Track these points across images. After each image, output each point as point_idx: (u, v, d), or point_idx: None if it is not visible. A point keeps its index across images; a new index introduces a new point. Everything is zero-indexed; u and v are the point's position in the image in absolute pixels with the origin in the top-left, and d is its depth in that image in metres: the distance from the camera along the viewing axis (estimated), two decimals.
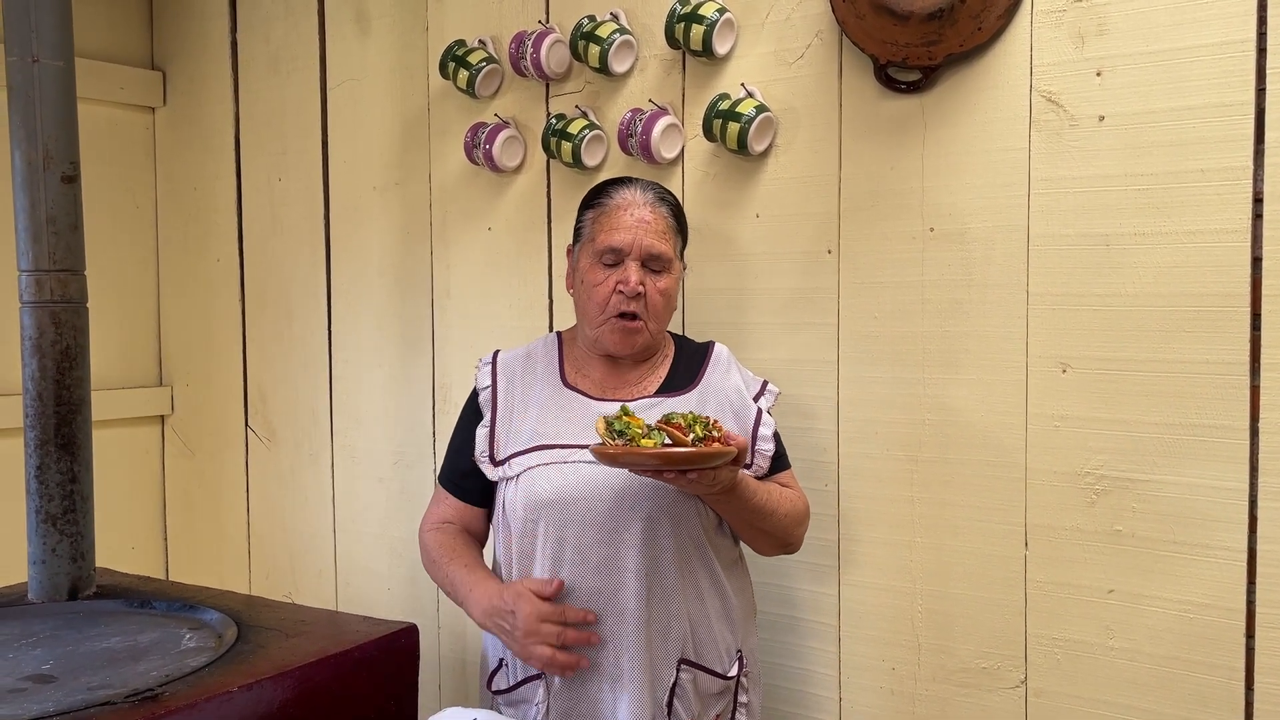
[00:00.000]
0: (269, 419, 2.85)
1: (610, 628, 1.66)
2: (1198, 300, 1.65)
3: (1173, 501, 1.69)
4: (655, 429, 1.49)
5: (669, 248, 1.74)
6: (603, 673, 1.67)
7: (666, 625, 1.67)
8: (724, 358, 1.82)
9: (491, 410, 1.79)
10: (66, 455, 2.07)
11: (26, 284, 2.04)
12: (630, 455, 1.47)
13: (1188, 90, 1.64)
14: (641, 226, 1.71)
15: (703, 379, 1.78)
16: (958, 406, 1.87)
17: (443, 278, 2.50)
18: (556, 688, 1.69)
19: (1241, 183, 1.61)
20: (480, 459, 1.77)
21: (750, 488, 1.63)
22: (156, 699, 1.52)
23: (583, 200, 1.81)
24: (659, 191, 1.77)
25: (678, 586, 1.68)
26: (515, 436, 1.74)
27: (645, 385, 1.77)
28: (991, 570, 1.85)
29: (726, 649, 1.75)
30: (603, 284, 1.71)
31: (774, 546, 1.77)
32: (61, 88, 2.05)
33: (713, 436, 1.49)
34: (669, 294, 1.74)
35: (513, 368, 1.82)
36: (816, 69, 1.98)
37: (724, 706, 1.76)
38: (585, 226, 1.77)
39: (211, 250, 2.94)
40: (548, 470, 1.68)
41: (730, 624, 1.75)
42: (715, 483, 1.53)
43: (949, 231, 1.86)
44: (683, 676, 1.69)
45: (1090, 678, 1.77)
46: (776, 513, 1.69)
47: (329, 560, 2.75)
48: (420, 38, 2.50)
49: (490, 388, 1.81)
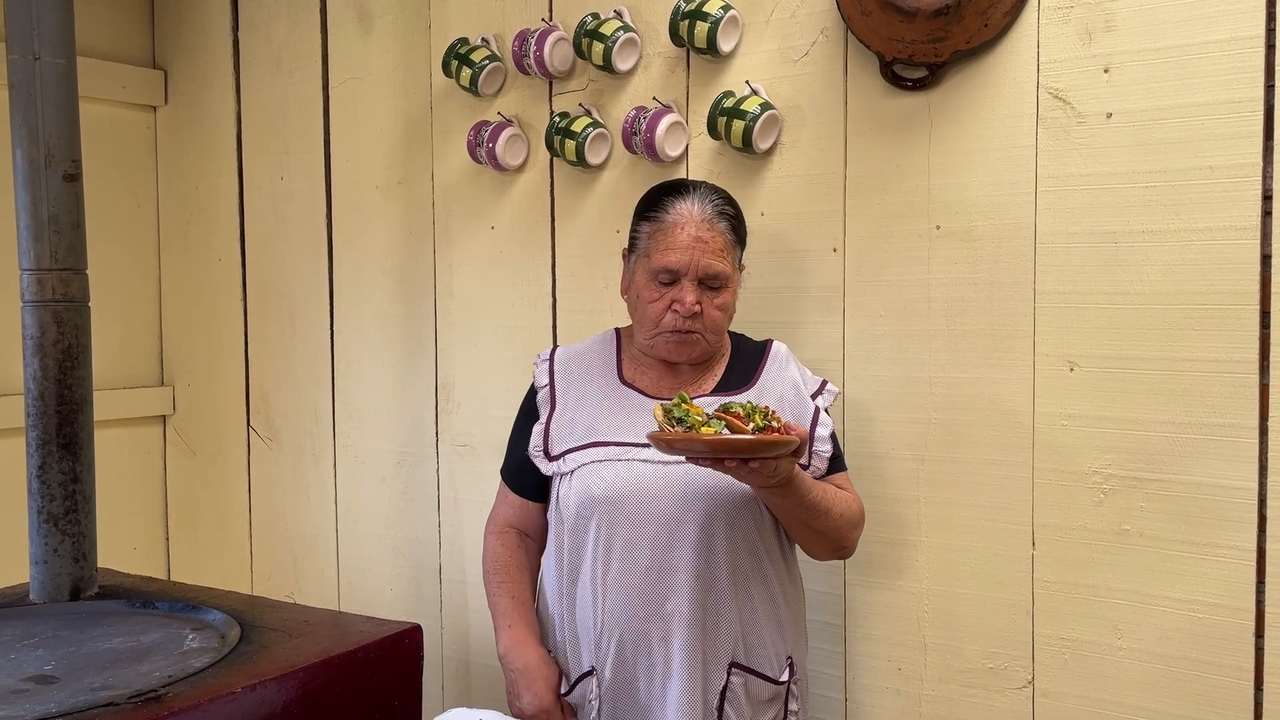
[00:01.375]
0: (271, 419, 2.84)
1: (662, 628, 1.65)
2: (1206, 298, 1.64)
3: (1181, 500, 1.68)
4: (714, 417, 1.48)
5: (727, 265, 1.70)
6: (654, 672, 1.67)
7: (717, 627, 1.66)
8: (782, 355, 1.80)
9: (550, 407, 1.78)
10: (68, 455, 2.06)
11: (28, 283, 2.03)
12: (690, 441, 1.45)
13: (1196, 87, 1.63)
14: (698, 246, 1.67)
15: (760, 377, 1.76)
16: (965, 405, 1.86)
17: (445, 277, 2.49)
18: (608, 683, 1.69)
19: (1251, 180, 1.60)
20: (534, 454, 1.76)
21: (806, 484, 1.61)
22: (159, 700, 1.52)
23: (638, 207, 1.76)
24: (718, 205, 1.71)
25: (730, 589, 1.66)
26: (570, 432, 1.74)
27: (702, 384, 1.75)
28: (998, 570, 1.84)
29: (777, 655, 1.73)
30: (657, 301, 1.69)
31: (827, 549, 1.73)
32: (63, 85, 2.05)
33: (771, 427, 1.48)
34: (727, 308, 1.72)
35: (569, 364, 1.81)
36: (821, 66, 1.97)
37: (775, 713, 1.73)
38: (640, 240, 1.73)
39: (213, 250, 2.93)
40: (602, 467, 1.68)
41: (781, 630, 1.73)
42: (775, 474, 1.50)
43: (955, 229, 1.85)
44: (733, 680, 1.68)
45: (1098, 678, 1.76)
46: (831, 512, 1.65)
47: (331, 560, 2.75)
48: (423, 36, 2.49)
49: (548, 385, 1.80)
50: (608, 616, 1.67)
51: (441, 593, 2.53)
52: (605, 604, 1.67)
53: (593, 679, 1.71)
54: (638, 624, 1.66)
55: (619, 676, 1.68)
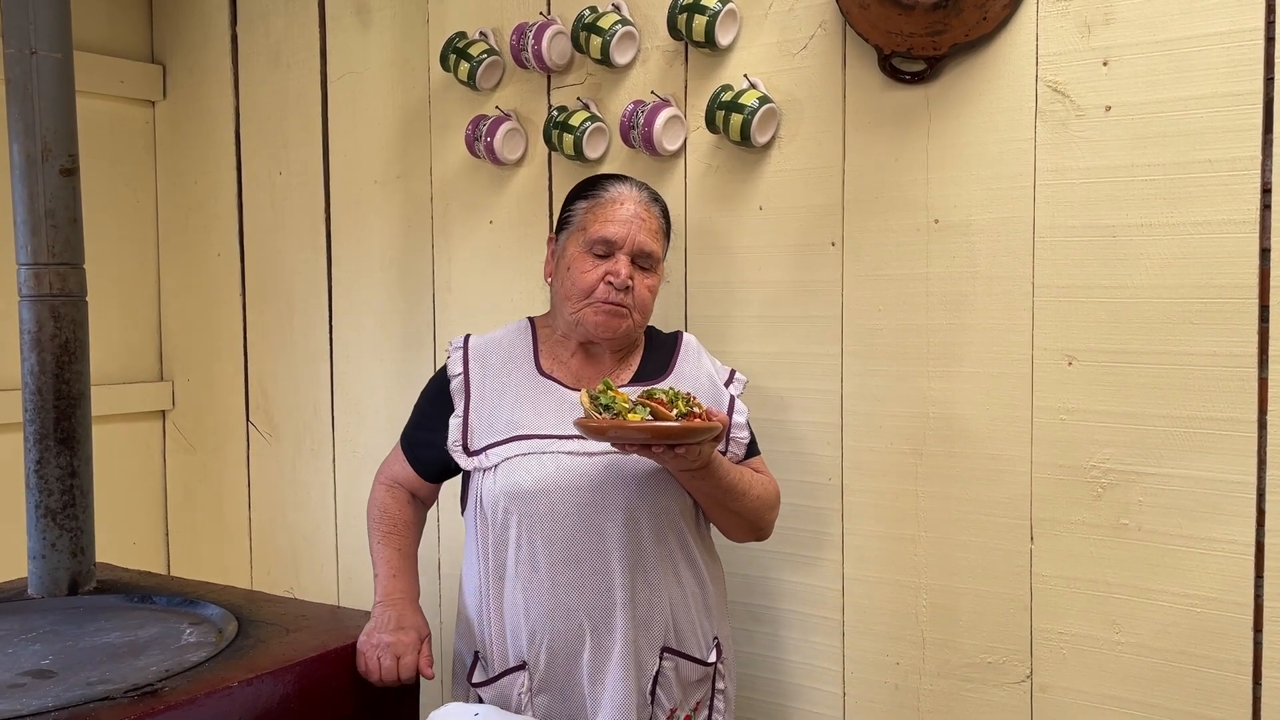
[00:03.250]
0: (270, 414, 2.84)
1: (594, 617, 1.66)
2: (1205, 292, 1.64)
3: (1179, 495, 1.68)
4: (639, 403, 1.50)
5: (659, 248, 1.76)
6: (587, 662, 1.67)
7: (649, 614, 1.68)
8: (693, 346, 1.84)
9: (465, 398, 1.78)
10: (66, 450, 2.06)
11: (25, 278, 2.03)
12: (619, 428, 1.47)
13: (1195, 80, 1.62)
14: (636, 222, 1.72)
15: (675, 368, 1.79)
16: (962, 400, 1.85)
17: (444, 271, 2.49)
18: (540, 676, 1.69)
19: (1250, 173, 1.59)
20: (454, 449, 1.76)
21: (724, 467, 1.65)
22: (156, 694, 1.51)
23: (572, 191, 1.81)
24: (652, 193, 1.79)
25: (659, 574, 1.68)
26: (491, 426, 1.74)
27: (619, 376, 1.78)
28: (996, 564, 1.84)
29: (705, 636, 1.76)
30: (590, 272, 1.71)
31: (745, 530, 1.77)
32: (60, 80, 2.04)
33: (694, 412, 1.51)
34: (654, 291, 1.76)
35: (485, 354, 1.81)
36: (820, 60, 1.96)
37: (703, 694, 1.77)
38: (575, 215, 1.76)
39: (212, 245, 2.93)
40: (527, 460, 1.68)
41: (708, 612, 1.77)
42: (698, 458, 1.54)
43: (954, 223, 1.84)
44: (665, 665, 1.70)
45: (1096, 672, 1.76)
46: (749, 494, 1.70)
47: (330, 555, 2.74)
48: (421, 30, 2.49)
49: (462, 375, 1.80)
50: (538, 611, 1.67)
51: (440, 588, 2.53)
52: (535, 599, 1.67)
53: (522, 674, 1.70)
54: (570, 618, 1.66)
55: (552, 669, 1.69)
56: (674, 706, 1.72)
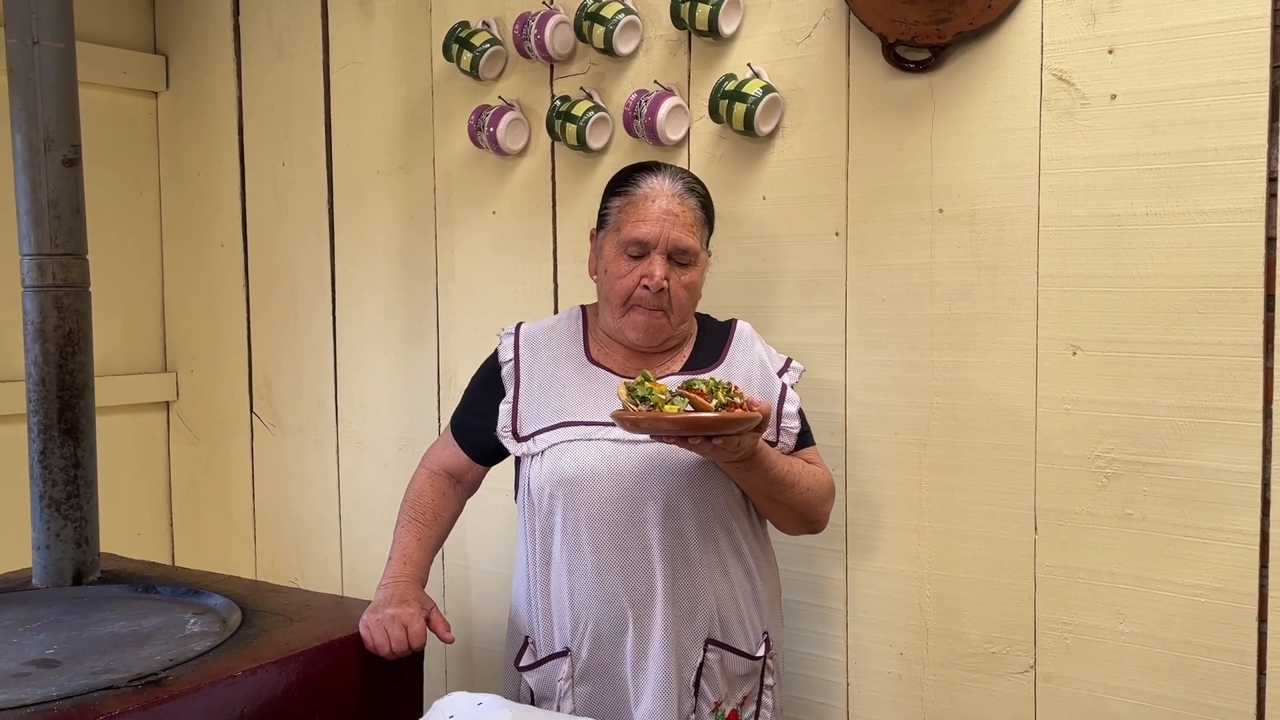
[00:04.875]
0: (274, 405, 2.84)
1: (636, 605, 1.65)
2: (1210, 281, 1.63)
3: (1184, 485, 1.67)
4: (677, 394, 1.48)
5: (696, 241, 1.71)
6: (628, 650, 1.67)
7: (693, 604, 1.67)
8: (746, 334, 1.81)
9: (515, 385, 1.78)
10: (70, 440, 2.06)
11: (28, 268, 2.03)
12: (653, 420, 1.45)
13: (1201, 68, 1.62)
14: (668, 219, 1.68)
15: (726, 356, 1.77)
16: (967, 389, 1.85)
17: (447, 262, 2.49)
18: (583, 664, 1.69)
19: (1255, 161, 1.58)
20: (503, 434, 1.76)
21: (771, 458, 1.61)
22: (160, 683, 1.52)
23: (608, 185, 1.78)
24: (688, 181, 1.73)
25: (703, 565, 1.67)
26: (540, 413, 1.73)
27: (670, 365, 1.76)
28: (1001, 554, 1.84)
29: (754, 630, 1.74)
30: (626, 276, 1.69)
31: (797, 523, 1.74)
32: (62, 70, 2.04)
33: (735, 403, 1.48)
34: (694, 287, 1.73)
35: (536, 341, 1.81)
36: (824, 48, 1.95)
37: (750, 689, 1.75)
38: (610, 214, 1.73)
39: (215, 235, 2.93)
40: (572, 447, 1.68)
41: (758, 605, 1.75)
42: (738, 449, 1.51)
43: (958, 213, 1.84)
44: (709, 656, 1.68)
45: (1100, 662, 1.76)
46: (798, 485, 1.67)
47: (334, 546, 2.75)
48: (423, 20, 2.48)
49: (513, 361, 1.79)
50: (582, 597, 1.68)
51: (444, 578, 2.53)
52: (579, 585, 1.68)
53: (565, 660, 1.70)
54: (613, 604, 1.66)
55: (595, 657, 1.69)
56: (719, 699, 1.70)
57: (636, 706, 1.67)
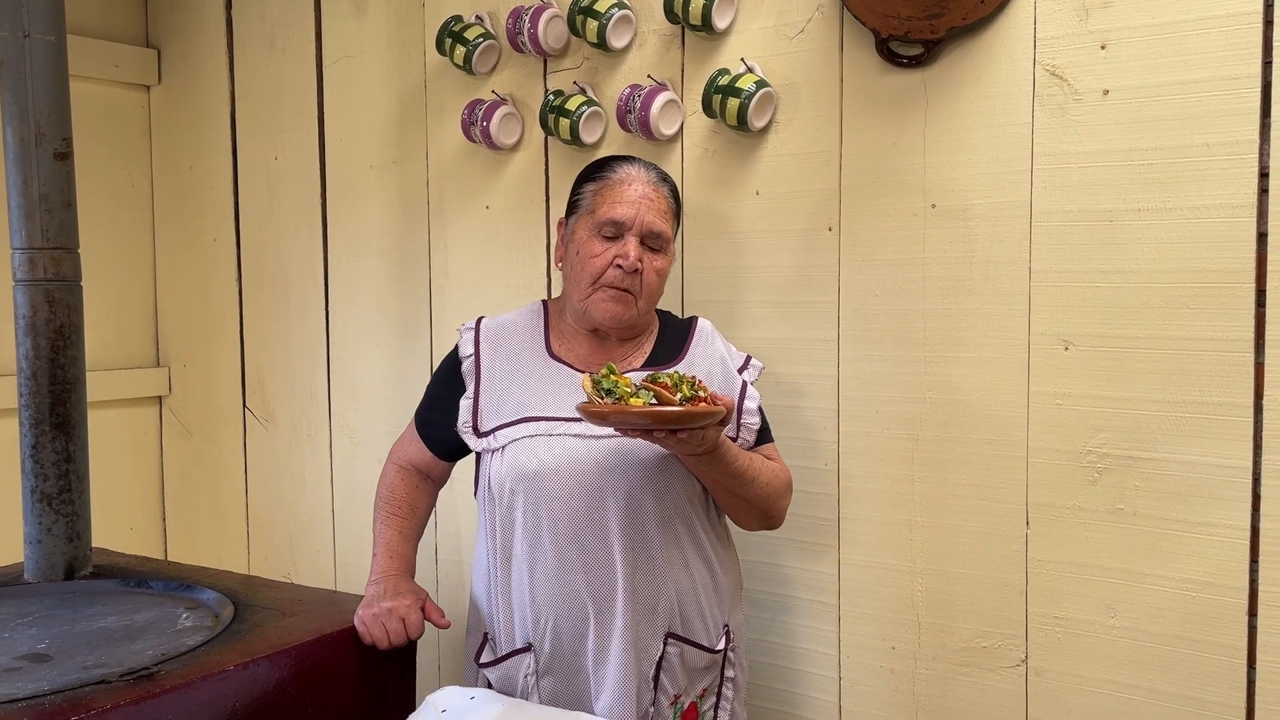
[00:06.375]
0: (267, 399, 2.84)
1: (597, 600, 1.66)
2: (1202, 277, 1.63)
3: (1175, 479, 1.68)
4: (642, 388, 1.49)
5: (668, 228, 1.74)
6: (589, 645, 1.68)
7: (654, 599, 1.68)
8: (707, 331, 1.83)
9: (475, 380, 1.78)
10: (61, 434, 2.06)
11: (20, 262, 2.03)
12: (619, 413, 1.46)
13: (1194, 63, 1.62)
14: (645, 203, 1.71)
15: (688, 352, 1.78)
16: (959, 385, 1.85)
17: (440, 256, 2.48)
18: (546, 659, 1.69)
19: (1247, 157, 1.59)
20: (463, 430, 1.77)
21: (732, 452, 1.63)
22: (152, 678, 1.52)
23: (581, 173, 1.80)
24: (660, 173, 1.78)
25: (664, 560, 1.68)
26: (500, 408, 1.74)
27: (631, 360, 1.77)
28: (992, 549, 1.84)
29: (714, 623, 1.75)
30: (600, 256, 1.70)
31: (756, 518, 1.76)
32: (53, 63, 2.03)
33: (699, 396, 1.49)
34: (664, 274, 1.75)
35: (496, 336, 1.81)
36: (817, 43, 1.95)
37: (711, 681, 1.76)
38: (584, 198, 1.75)
39: (208, 229, 2.92)
40: (533, 442, 1.68)
41: (718, 598, 1.76)
42: (702, 443, 1.53)
43: (951, 208, 1.84)
44: (669, 650, 1.69)
45: (1091, 656, 1.76)
46: (758, 480, 1.68)
47: (327, 540, 2.75)
48: (417, 13, 2.47)
49: (473, 356, 1.80)
50: (544, 593, 1.68)
51: (437, 573, 2.53)
52: (541, 580, 1.68)
53: (528, 655, 1.71)
54: (575, 599, 1.67)
55: (557, 651, 1.69)
56: (678, 692, 1.71)
57: (597, 700, 1.68)
